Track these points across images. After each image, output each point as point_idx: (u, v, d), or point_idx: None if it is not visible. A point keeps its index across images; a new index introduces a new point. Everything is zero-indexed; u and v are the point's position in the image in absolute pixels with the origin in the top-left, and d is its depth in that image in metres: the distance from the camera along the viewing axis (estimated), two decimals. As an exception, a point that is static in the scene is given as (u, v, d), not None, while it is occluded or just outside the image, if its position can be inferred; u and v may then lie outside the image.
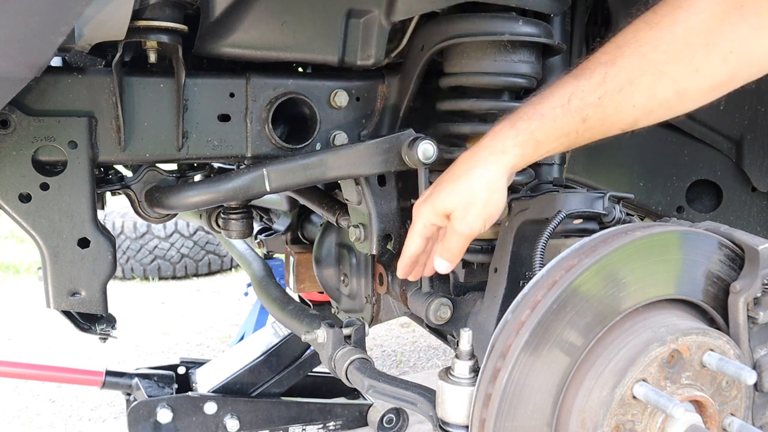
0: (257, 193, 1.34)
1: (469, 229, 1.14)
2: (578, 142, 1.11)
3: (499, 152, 1.11)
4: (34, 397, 3.68)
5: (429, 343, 4.50)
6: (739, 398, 1.14)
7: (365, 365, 1.41)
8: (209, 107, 1.33)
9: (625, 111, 1.05)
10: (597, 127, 1.08)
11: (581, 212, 1.21)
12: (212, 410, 2.38)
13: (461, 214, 1.14)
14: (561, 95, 1.07)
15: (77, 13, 0.84)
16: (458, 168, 1.15)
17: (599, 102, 1.05)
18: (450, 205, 1.14)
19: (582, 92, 1.05)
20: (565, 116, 1.06)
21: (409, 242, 1.23)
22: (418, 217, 1.20)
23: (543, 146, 1.10)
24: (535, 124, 1.08)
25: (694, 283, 1.14)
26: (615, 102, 1.04)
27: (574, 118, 1.06)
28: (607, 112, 1.05)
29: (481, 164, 1.12)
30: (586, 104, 1.05)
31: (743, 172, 1.89)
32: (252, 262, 2.30)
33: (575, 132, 1.08)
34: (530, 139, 1.09)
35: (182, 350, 4.43)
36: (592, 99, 1.05)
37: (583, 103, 1.05)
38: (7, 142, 1.19)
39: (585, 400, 1.06)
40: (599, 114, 1.05)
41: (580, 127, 1.07)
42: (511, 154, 1.10)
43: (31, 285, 5.96)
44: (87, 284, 1.27)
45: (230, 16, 1.25)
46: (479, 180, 1.11)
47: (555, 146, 1.10)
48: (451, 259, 1.19)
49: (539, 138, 1.09)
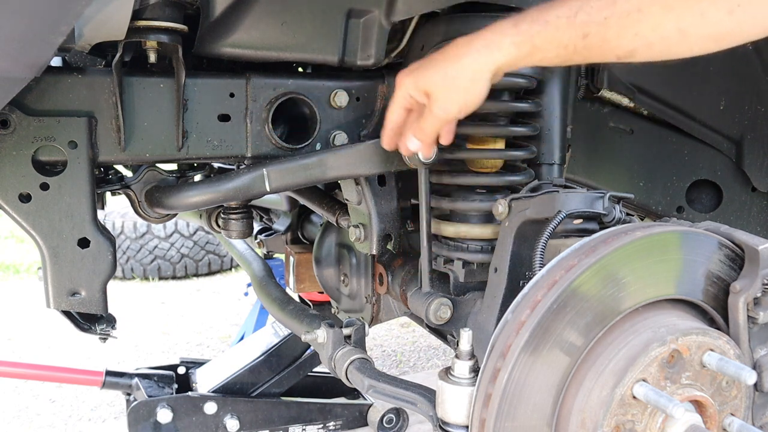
0: (257, 193, 1.34)
1: (444, 112, 1.15)
2: (572, 59, 1.11)
3: (494, 47, 1.11)
4: (34, 397, 3.68)
5: (429, 343, 4.50)
6: (739, 398, 1.14)
7: (365, 365, 1.41)
8: (209, 107, 1.33)
9: (627, 38, 1.06)
10: (595, 47, 1.08)
11: (581, 212, 1.21)
12: (212, 410, 2.38)
13: (440, 95, 1.14)
14: (570, 6, 1.07)
15: (77, 13, 0.84)
16: (450, 51, 1.15)
17: (605, 21, 1.05)
18: (431, 84, 1.14)
19: (590, 8, 1.06)
20: (569, 28, 1.07)
21: (390, 112, 1.24)
22: (399, 87, 1.20)
23: (538, 52, 1.10)
24: (537, 28, 1.08)
25: (694, 283, 1.14)
26: (619, 25, 1.05)
27: (576, 31, 1.07)
28: (609, 34, 1.06)
29: (473, 53, 1.12)
30: (592, 21, 1.05)
31: (743, 172, 1.89)
32: (252, 262, 2.30)
33: (573, 47, 1.08)
34: (528, 41, 1.09)
35: (182, 350, 4.43)
36: (598, 17, 1.05)
37: (589, 18, 1.06)
38: (7, 142, 1.19)
39: (585, 400, 1.06)
40: (601, 34, 1.06)
41: (580, 43, 1.07)
42: (506, 52, 1.10)
43: (31, 285, 5.95)
44: (87, 284, 1.27)
45: (230, 16, 1.25)
46: (467, 68, 1.12)
47: (550, 56, 1.11)
48: (423, 140, 1.21)
49: (537, 43, 1.09)
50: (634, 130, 1.81)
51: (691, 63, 1.75)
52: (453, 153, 1.40)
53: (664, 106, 1.78)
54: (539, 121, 1.47)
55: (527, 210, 1.23)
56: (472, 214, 1.42)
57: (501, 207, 1.27)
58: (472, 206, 1.40)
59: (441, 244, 1.45)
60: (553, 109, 1.48)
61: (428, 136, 1.20)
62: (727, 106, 1.83)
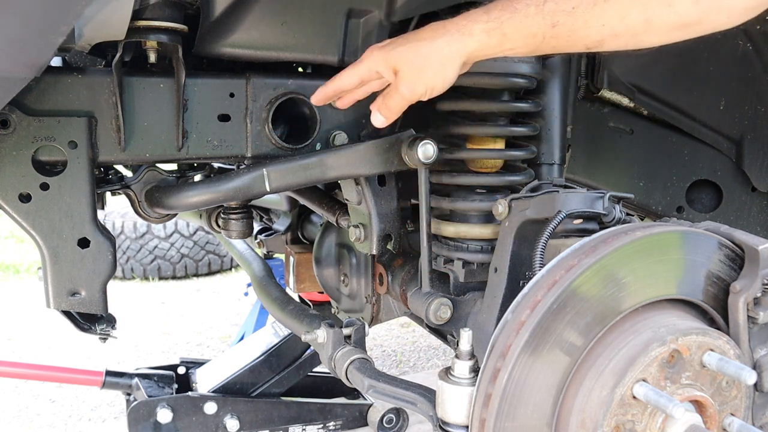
0: (257, 193, 1.34)
1: (410, 91, 1.15)
2: (542, 49, 1.13)
3: (466, 33, 1.12)
4: (34, 397, 3.68)
5: (429, 343, 4.50)
6: (739, 398, 1.14)
7: (365, 365, 1.41)
8: (209, 107, 1.33)
9: (594, 28, 1.08)
10: (564, 37, 1.09)
11: (581, 212, 1.21)
12: (212, 410, 2.37)
13: (409, 74, 1.14)
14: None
15: (77, 13, 0.84)
16: (424, 33, 1.16)
17: (572, 11, 1.07)
18: (402, 61, 1.15)
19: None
20: (537, 16, 1.08)
21: (344, 75, 1.23)
22: (367, 59, 1.20)
23: (508, 41, 1.11)
24: (507, 15, 1.10)
25: (694, 283, 1.14)
26: (586, 16, 1.07)
27: (545, 20, 1.08)
28: (577, 24, 1.07)
29: (446, 37, 1.13)
30: (559, 10, 1.07)
31: (743, 172, 1.89)
32: (252, 262, 2.30)
33: (542, 35, 1.09)
34: (498, 28, 1.10)
35: (182, 350, 4.43)
36: (566, 7, 1.07)
37: (557, 8, 1.07)
38: (7, 142, 1.19)
39: (585, 400, 1.06)
40: (569, 23, 1.08)
41: (548, 32, 1.09)
42: (477, 38, 1.11)
43: (31, 285, 5.95)
44: (87, 284, 1.27)
45: (230, 16, 1.25)
46: (439, 51, 1.12)
47: (519, 46, 1.12)
48: (388, 116, 1.21)
49: (507, 31, 1.10)
50: (634, 130, 1.81)
51: (691, 63, 1.75)
52: (453, 153, 1.40)
53: (664, 106, 1.78)
54: (539, 121, 1.47)
55: (527, 210, 1.23)
56: (472, 214, 1.42)
57: (501, 207, 1.27)
58: (472, 206, 1.40)
59: (441, 244, 1.45)
60: (553, 109, 1.48)
61: (392, 114, 1.21)
62: (727, 106, 1.83)
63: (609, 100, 1.76)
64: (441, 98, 1.41)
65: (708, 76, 1.79)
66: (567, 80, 1.50)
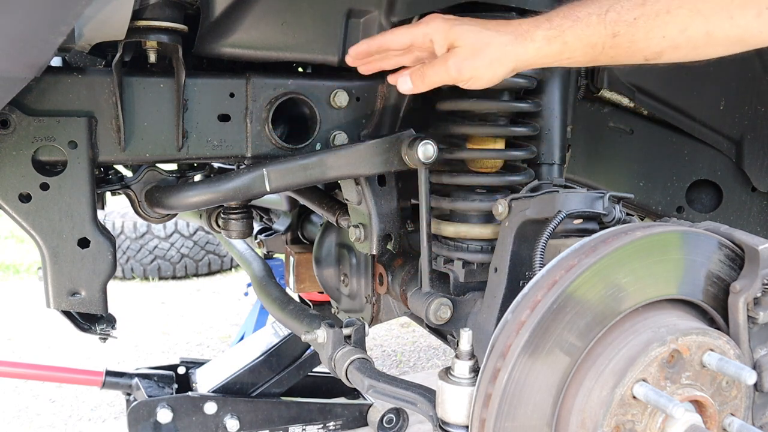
0: (257, 193, 1.34)
1: (457, 70, 1.14)
2: (600, 60, 1.12)
3: (528, 37, 1.11)
4: (34, 397, 3.68)
5: (429, 343, 4.50)
6: (739, 398, 1.14)
7: (365, 365, 1.41)
8: (209, 107, 1.33)
9: (655, 39, 1.07)
10: (623, 47, 1.09)
11: (581, 212, 1.21)
12: (212, 410, 2.37)
13: (464, 53, 1.13)
14: (600, 5, 1.08)
15: (77, 13, 0.84)
16: (489, 23, 1.15)
17: (634, 22, 1.06)
18: (462, 39, 1.13)
19: (621, 8, 1.07)
20: (599, 25, 1.07)
21: (396, 33, 1.21)
22: (426, 24, 1.18)
23: (568, 50, 1.10)
24: (568, 23, 1.09)
25: (694, 283, 1.14)
26: (648, 26, 1.06)
27: (606, 30, 1.07)
28: (638, 35, 1.07)
29: (509, 36, 1.12)
30: (621, 20, 1.06)
31: (743, 172, 1.89)
32: (252, 262, 2.30)
33: (602, 46, 1.09)
34: (559, 36, 1.09)
35: (182, 350, 4.43)
36: (628, 17, 1.06)
37: (618, 17, 1.06)
38: (7, 142, 1.19)
39: (585, 400, 1.06)
40: (630, 34, 1.07)
41: (608, 42, 1.08)
42: (537, 45, 1.11)
43: (31, 285, 5.95)
44: (87, 284, 1.27)
45: (230, 16, 1.25)
46: (500, 46, 1.12)
47: (578, 55, 1.11)
48: (419, 85, 1.19)
49: (568, 39, 1.09)
50: (634, 130, 1.81)
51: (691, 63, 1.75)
52: (453, 153, 1.40)
53: (664, 106, 1.78)
54: (539, 121, 1.47)
55: (527, 210, 1.23)
56: (472, 214, 1.42)
57: (501, 207, 1.27)
58: (472, 206, 1.40)
59: (441, 244, 1.45)
60: (553, 109, 1.48)
61: (425, 84, 1.19)
62: (727, 106, 1.83)
63: (609, 100, 1.76)
64: (441, 98, 1.42)
65: (708, 76, 1.79)
66: (567, 80, 1.50)
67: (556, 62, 1.13)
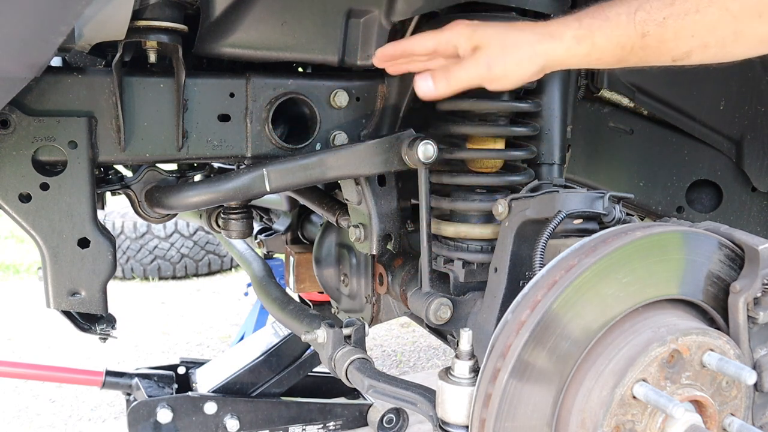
0: (257, 193, 1.34)
1: (488, 67, 1.12)
2: (627, 60, 1.11)
3: (557, 36, 1.10)
4: (34, 397, 3.68)
5: (429, 343, 4.50)
6: (739, 398, 1.14)
7: (365, 365, 1.41)
8: (209, 107, 1.33)
9: (683, 39, 1.06)
10: (652, 48, 1.08)
11: (581, 212, 1.21)
12: (212, 410, 2.38)
13: (494, 51, 1.12)
14: (629, 4, 1.07)
15: (77, 13, 0.84)
16: (515, 24, 1.15)
17: (663, 22, 1.05)
18: (488, 39, 1.12)
19: (650, 7, 1.06)
20: (628, 25, 1.06)
21: (421, 38, 1.20)
22: (450, 30, 1.17)
23: (596, 50, 1.09)
24: (598, 23, 1.08)
25: (694, 283, 1.14)
26: (677, 26, 1.05)
27: (635, 30, 1.06)
28: (667, 35, 1.06)
29: (536, 36, 1.11)
30: (650, 20, 1.05)
31: (743, 172, 1.89)
32: (252, 262, 2.30)
33: (630, 46, 1.08)
34: (588, 37, 1.09)
35: (182, 350, 4.43)
36: (657, 17, 1.05)
37: (648, 17, 1.05)
38: (7, 142, 1.19)
39: (585, 400, 1.06)
40: (659, 34, 1.06)
41: (637, 42, 1.07)
42: (566, 45, 1.10)
43: (31, 285, 5.95)
44: (87, 284, 1.27)
45: (230, 16, 1.25)
46: (529, 44, 1.11)
47: (607, 56, 1.10)
48: (443, 88, 1.17)
49: (597, 40, 1.08)
50: (634, 130, 1.81)
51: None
52: (453, 153, 1.40)
53: (664, 106, 1.78)
54: (539, 121, 1.47)
55: (527, 210, 1.23)
56: (472, 214, 1.42)
57: (501, 207, 1.27)
58: (472, 206, 1.40)
59: (441, 244, 1.45)
60: (553, 109, 1.48)
61: (448, 86, 1.17)
62: (727, 106, 1.83)
63: (609, 100, 1.76)
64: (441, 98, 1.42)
65: (708, 76, 1.79)
66: (567, 80, 1.50)
67: (584, 63, 1.12)
